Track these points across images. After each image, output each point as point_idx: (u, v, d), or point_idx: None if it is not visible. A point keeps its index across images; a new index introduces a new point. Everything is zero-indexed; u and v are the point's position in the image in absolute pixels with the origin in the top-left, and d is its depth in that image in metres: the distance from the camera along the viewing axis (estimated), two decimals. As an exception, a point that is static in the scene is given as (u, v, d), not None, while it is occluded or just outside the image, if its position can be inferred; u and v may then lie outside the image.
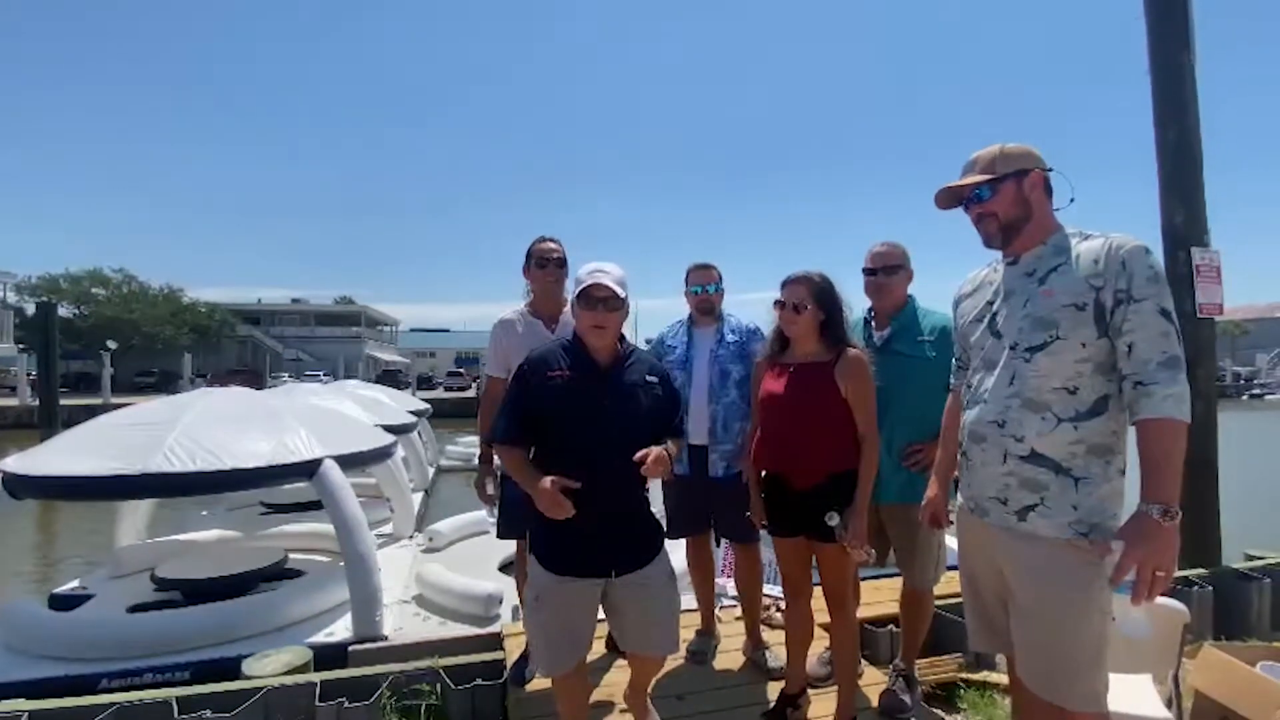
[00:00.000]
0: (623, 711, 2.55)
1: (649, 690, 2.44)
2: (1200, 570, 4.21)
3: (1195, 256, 4.37)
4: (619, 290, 2.06)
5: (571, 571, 2.04)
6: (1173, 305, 1.57)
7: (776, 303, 2.41)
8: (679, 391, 2.40)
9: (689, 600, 3.39)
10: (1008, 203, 1.75)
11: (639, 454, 1.95)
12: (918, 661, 2.88)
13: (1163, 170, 4.52)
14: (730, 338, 2.99)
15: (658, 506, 3.55)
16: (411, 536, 7.22)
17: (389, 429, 7.32)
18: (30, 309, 31.99)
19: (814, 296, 2.34)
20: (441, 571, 5.37)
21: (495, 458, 3.03)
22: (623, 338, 2.17)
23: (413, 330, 73.10)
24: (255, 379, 32.42)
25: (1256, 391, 42.31)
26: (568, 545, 2.03)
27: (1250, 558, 4.61)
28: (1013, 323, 1.73)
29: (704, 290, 3.03)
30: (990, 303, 1.84)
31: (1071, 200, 1.79)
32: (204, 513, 8.26)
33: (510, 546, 3.17)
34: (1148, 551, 1.44)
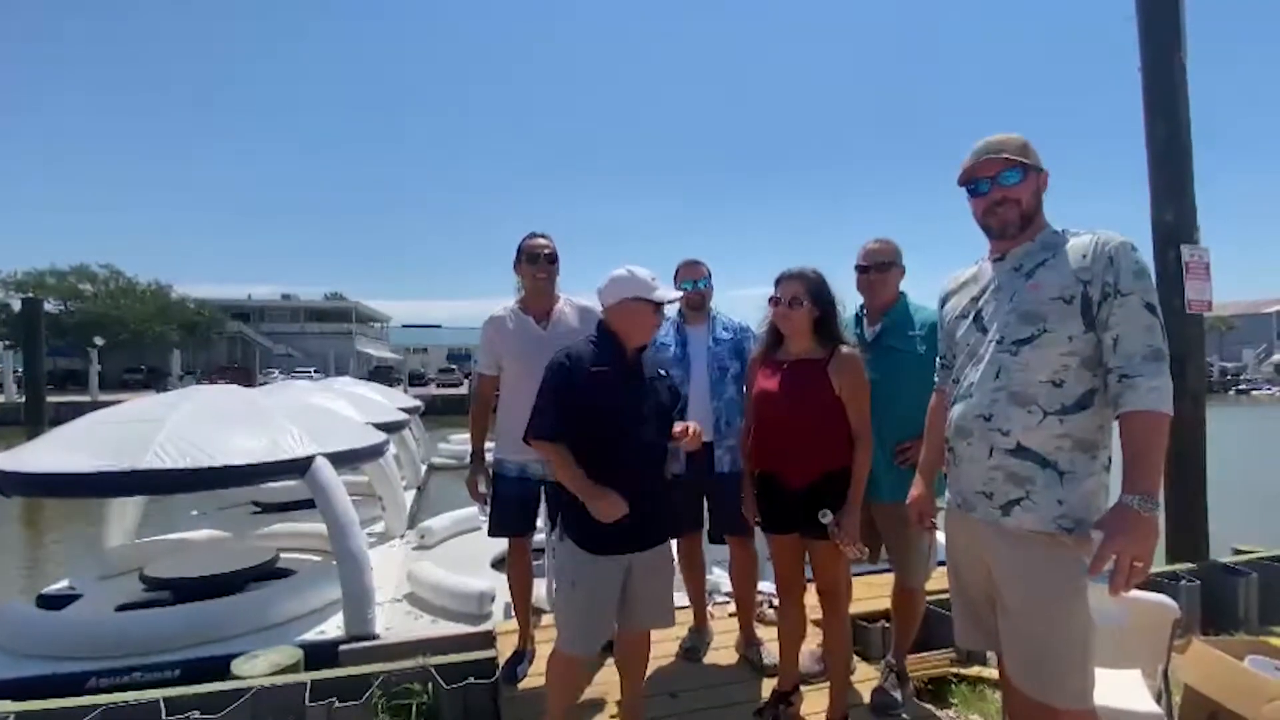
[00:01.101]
0: (613, 717, 2.55)
1: (641, 691, 2.45)
2: (1188, 565, 4.24)
3: (1185, 253, 4.39)
4: None
5: (606, 549, 2.15)
6: (1158, 300, 1.59)
7: (772, 299, 2.41)
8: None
9: (681, 598, 3.40)
10: (1030, 193, 1.75)
11: (679, 428, 2.18)
12: (909, 657, 2.90)
13: (1153, 167, 4.54)
14: (724, 335, 3.00)
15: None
16: (403, 535, 7.19)
17: (380, 426, 7.27)
18: (16, 305, 31.63)
19: (809, 293, 2.34)
20: (433, 569, 5.34)
21: (487, 455, 3.03)
22: None
23: (404, 326, 72.70)
24: (245, 376, 32.22)
25: (1243, 387, 42.69)
26: (608, 524, 2.12)
27: (1238, 552, 4.65)
28: (999, 317, 1.74)
29: (694, 286, 3.03)
30: (976, 299, 1.84)
31: None
32: (195, 512, 8.19)
33: (502, 544, 3.16)
34: (1126, 541, 1.45)
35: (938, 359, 2.10)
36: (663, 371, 2.35)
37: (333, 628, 4.57)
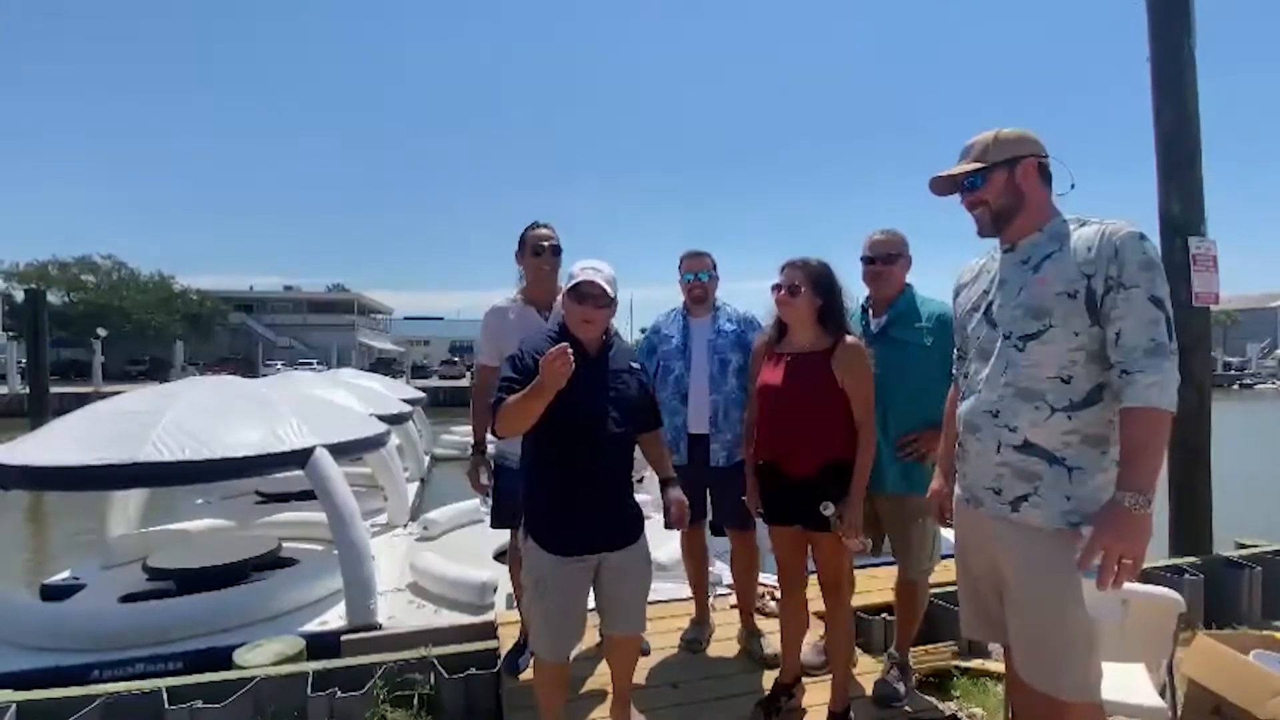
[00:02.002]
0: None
1: (636, 682, 2.47)
2: (1191, 558, 4.23)
3: (1192, 246, 4.36)
4: (609, 289, 2.18)
5: (573, 551, 2.12)
6: (1167, 292, 1.55)
7: (773, 286, 2.38)
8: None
9: (683, 589, 3.39)
10: (997, 191, 1.73)
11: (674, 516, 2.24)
12: (912, 650, 2.89)
13: (1160, 157, 4.49)
14: (727, 326, 2.97)
15: (654, 497, 3.53)
16: (406, 525, 7.20)
17: (383, 418, 7.30)
18: (19, 296, 31.70)
19: (810, 282, 2.31)
20: (435, 560, 5.35)
21: (489, 446, 3.02)
22: (606, 329, 2.29)
23: (406, 319, 72.79)
24: (247, 367, 32.29)
25: (1247, 381, 42.61)
26: (568, 525, 2.12)
27: (1241, 546, 4.64)
28: (1007, 311, 1.72)
29: (697, 278, 3.00)
30: (986, 291, 1.81)
31: (1072, 186, 1.76)
32: (199, 502, 8.22)
33: (505, 536, 3.15)
34: (1114, 538, 1.44)
35: (955, 351, 2.07)
36: (635, 365, 2.30)
37: (335, 617, 4.58)
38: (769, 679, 2.71)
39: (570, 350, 1.91)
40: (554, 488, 2.14)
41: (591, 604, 2.25)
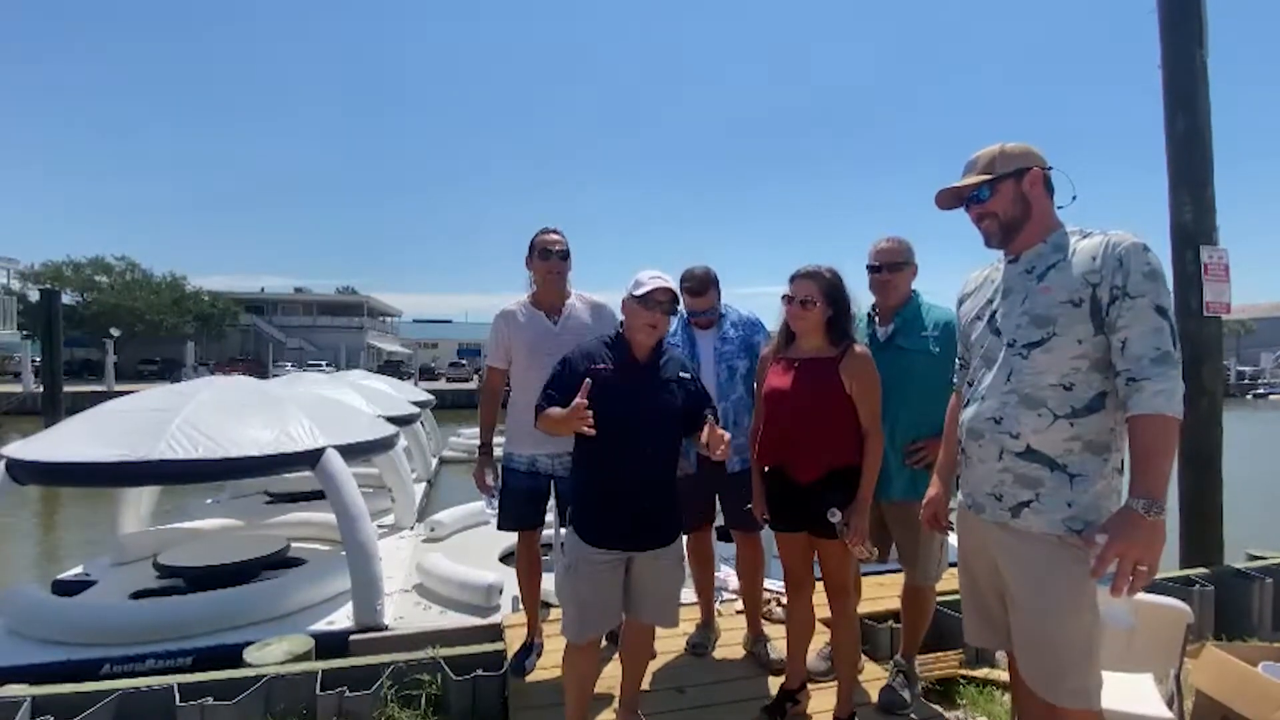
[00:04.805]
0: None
1: (642, 686, 2.48)
2: (1202, 569, 4.20)
3: (1203, 254, 4.34)
4: (677, 297, 2.28)
5: (604, 544, 2.19)
6: (1170, 303, 1.57)
7: (784, 297, 2.39)
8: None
9: (689, 594, 3.40)
10: (1007, 202, 1.76)
11: (715, 438, 2.07)
12: (918, 657, 2.89)
13: (1171, 165, 4.48)
14: (732, 333, 2.97)
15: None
16: (413, 527, 7.23)
17: (392, 419, 7.32)
18: (34, 295, 32.05)
19: (823, 293, 2.33)
20: (443, 561, 5.37)
21: (496, 449, 3.04)
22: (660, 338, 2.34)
23: (415, 321, 73.09)
24: (258, 368, 32.52)
25: (1261, 391, 42.10)
26: (602, 521, 2.21)
27: (1253, 557, 4.60)
28: (1011, 320, 1.74)
29: (700, 315, 2.94)
30: (990, 301, 1.84)
31: (1074, 198, 1.79)
32: (208, 501, 8.28)
33: (511, 537, 3.17)
34: (1129, 545, 1.45)
35: (956, 360, 2.08)
36: (685, 374, 2.31)
37: (343, 617, 4.60)
38: (774, 684, 2.72)
39: (591, 417, 2.01)
40: (594, 485, 2.23)
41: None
